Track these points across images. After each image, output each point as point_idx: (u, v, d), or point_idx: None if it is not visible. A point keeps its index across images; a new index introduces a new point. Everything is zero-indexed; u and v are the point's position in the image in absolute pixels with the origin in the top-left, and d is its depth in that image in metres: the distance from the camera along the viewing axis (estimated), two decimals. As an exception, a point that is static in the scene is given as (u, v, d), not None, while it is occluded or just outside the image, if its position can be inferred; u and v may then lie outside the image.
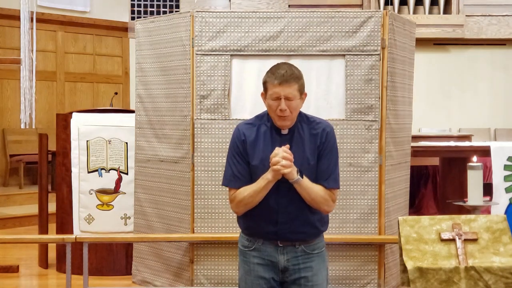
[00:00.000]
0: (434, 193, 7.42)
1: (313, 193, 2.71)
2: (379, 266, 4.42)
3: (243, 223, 2.86)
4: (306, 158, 2.75)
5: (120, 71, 10.67)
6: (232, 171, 2.79)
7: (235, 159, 2.79)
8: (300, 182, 2.68)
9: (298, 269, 2.78)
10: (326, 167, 2.76)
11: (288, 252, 2.77)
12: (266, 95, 2.74)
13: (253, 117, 2.88)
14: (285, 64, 2.76)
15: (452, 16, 10.01)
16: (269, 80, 2.72)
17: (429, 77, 10.14)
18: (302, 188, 2.70)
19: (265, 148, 2.75)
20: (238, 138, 2.80)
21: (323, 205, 2.75)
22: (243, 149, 2.78)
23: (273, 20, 4.39)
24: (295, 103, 2.70)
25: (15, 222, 7.71)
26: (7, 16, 9.08)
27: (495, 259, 2.95)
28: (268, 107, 2.75)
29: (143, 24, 4.76)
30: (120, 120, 5.25)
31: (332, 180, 2.77)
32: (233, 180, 2.78)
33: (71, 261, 4.40)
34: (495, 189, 4.81)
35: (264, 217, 2.75)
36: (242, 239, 2.89)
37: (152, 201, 4.70)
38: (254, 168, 2.76)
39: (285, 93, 2.67)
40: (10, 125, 9.42)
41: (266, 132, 2.78)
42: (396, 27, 4.47)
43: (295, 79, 2.69)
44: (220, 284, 4.40)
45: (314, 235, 2.81)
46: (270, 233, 2.77)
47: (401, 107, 4.66)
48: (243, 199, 2.74)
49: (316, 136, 2.77)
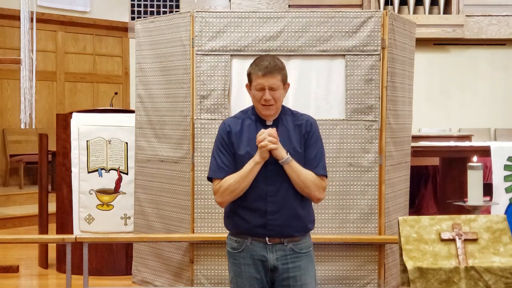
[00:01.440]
0: (434, 193, 7.41)
1: (302, 175, 2.75)
2: (379, 266, 4.42)
3: (230, 221, 2.87)
4: (293, 146, 2.80)
5: (120, 71, 10.67)
6: (216, 162, 2.82)
7: (219, 151, 2.83)
8: (290, 162, 2.73)
9: (287, 269, 2.80)
10: (314, 155, 2.82)
11: (277, 251, 2.79)
12: (251, 86, 2.82)
13: (239, 112, 2.96)
14: (268, 56, 2.87)
15: (452, 16, 10.01)
16: (253, 71, 2.80)
17: (429, 77, 10.14)
18: (292, 169, 2.74)
19: (250, 138, 2.80)
20: (223, 130, 2.85)
21: (313, 190, 2.78)
22: (228, 140, 2.82)
23: (273, 20, 4.39)
24: (278, 93, 2.78)
25: (15, 222, 7.71)
26: (7, 16, 9.08)
27: (495, 259, 2.95)
28: (253, 97, 2.82)
29: (143, 24, 4.76)
30: (120, 120, 5.25)
31: (321, 168, 2.82)
32: (218, 171, 2.81)
33: (71, 261, 4.40)
34: (495, 189, 4.81)
35: (252, 207, 2.77)
36: (230, 242, 2.90)
37: (152, 201, 4.70)
38: (240, 157, 2.79)
39: (269, 83, 2.75)
40: (10, 125, 9.41)
41: (251, 124, 2.84)
42: (396, 27, 4.47)
43: (278, 70, 2.78)
44: (220, 284, 4.41)
45: (301, 231, 2.83)
46: (258, 226, 2.78)
47: (401, 107, 4.66)
48: (228, 186, 2.75)
49: (301, 126, 2.85)
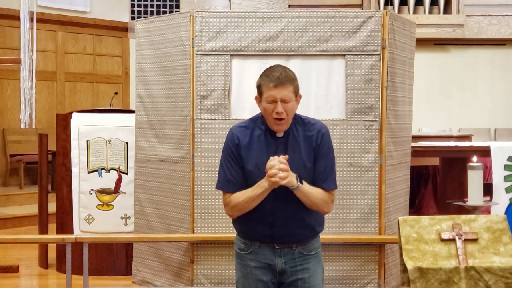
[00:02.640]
0: (434, 193, 7.41)
1: (312, 197, 2.69)
2: (379, 266, 4.42)
3: (238, 226, 2.84)
4: (302, 161, 2.72)
5: (120, 71, 10.67)
6: (226, 175, 2.75)
7: (228, 163, 2.75)
8: (300, 188, 2.66)
9: (295, 271, 2.77)
10: (323, 169, 2.74)
11: (285, 254, 2.76)
12: (261, 98, 2.71)
13: (247, 120, 2.84)
14: (279, 66, 2.73)
15: (452, 16, 10.01)
16: (263, 83, 2.68)
17: (429, 77, 10.14)
18: (303, 194, 2.67)
19: (260, 152, 2.72)
20: (231, 142, 2.75)
21: (322, 207, 2.74)
22: (237, 153, 2.73)
23: (273, 20, 4.39)
24: (290, 105, 2.67)
25: (15, 222, 7.71)
26: (7, 16, 9.08)
27: (495, 259, 2.95)
28: (264, 110, 2.71)
29: (143, 24, 4.76)
30: (120, 120, 5.25)
31: (330, 182, 2.76)
32: (227, 185, 2.74)
33: (71, 261, 4.40)
34: (495, 189, 4.80)
35: (260, 220, 2.73)
36: (238, 242, 2.86)
37: (152, 201, 4.70)
38: (249, 172, 2.72)
39: (281, 95, 2.64)
40: (10, 125, 9.41)
41: (261, 135, 2.74)
42: (396, 27, 4.47)
43: (290, 81, 2.67)
44: (220, 284, 4.40)
45: (310, 236, 2.80)
46: (266, 236, 2.74)
47: (401, 107, 4.66)
48: (237, 204, 2.71)
49: (311, 138, 2.74)
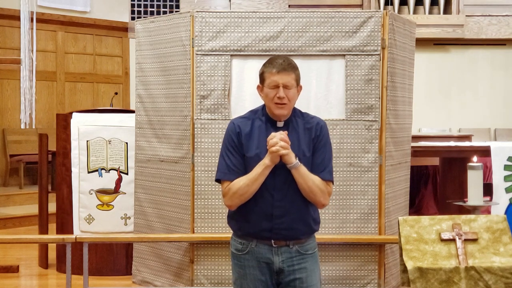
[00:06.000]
0: (434, 193, 7.42)
1: (309, 181, 2.71)
2: (379, 266, 4.42)
3: (236, 223, 2.84)
4: (302, 150, 2.76)
5: (120, 71, 10.67)
6: (226, 164, 2.76)
7: (229, 152, 2.77)
8: (298, 167, 2.69)
9: (293, 270, 2.77)
10: (321, 160, 2.78)
11: (282, 253, 2.77)
12: (263, 85, 2.77)
13: (248, 112, 2.89)
14: (282, 55, 2.83)
15: (452, 16, 10.01)
16: (267, 70, 2.76)
17: (429, 77, 10.14)
18: (300, 174, 2.70)
19: (260, 140, 2.75)
20: (232, 131, 2.79)
21: (319, 196, 2.74)
22: (238, 142, 2.77)
23: (273, 20, 4.39)
24: (292, 92, 2.74)
25: (15, 222, 7.72)
26: (7, 16, 9.08)
27: (495, 259, 2.95)
28: (265, 96, 2.77)
29: (143, 24, 4.76)
30: (120, 120, 5.25)
31: (327, 173, 2.79)
32: (228, 173, 2.76)
33: (71, 261, 4.40)
34: (495, 189, 4.81)
35: (259, 211, 2.74)
36: (234, 243, 2.87)
37: (152, 201, 4.70)
38: (249, 159, 2.75)
39: (283, 81, 2.71)
40: (10, 125, 9.41)
41: (261, 125, 2.79)
42: (396, 27, 4.47)
43: (292, 69, 2.75)
44: (220, 284, 4.41)
45: (307, 233, 2.81)
46: (264, 230, 2.75)
47: (401, 107, 4.66)
48: (238, 190, 2.71)
49: (311, 130, 2.80)
